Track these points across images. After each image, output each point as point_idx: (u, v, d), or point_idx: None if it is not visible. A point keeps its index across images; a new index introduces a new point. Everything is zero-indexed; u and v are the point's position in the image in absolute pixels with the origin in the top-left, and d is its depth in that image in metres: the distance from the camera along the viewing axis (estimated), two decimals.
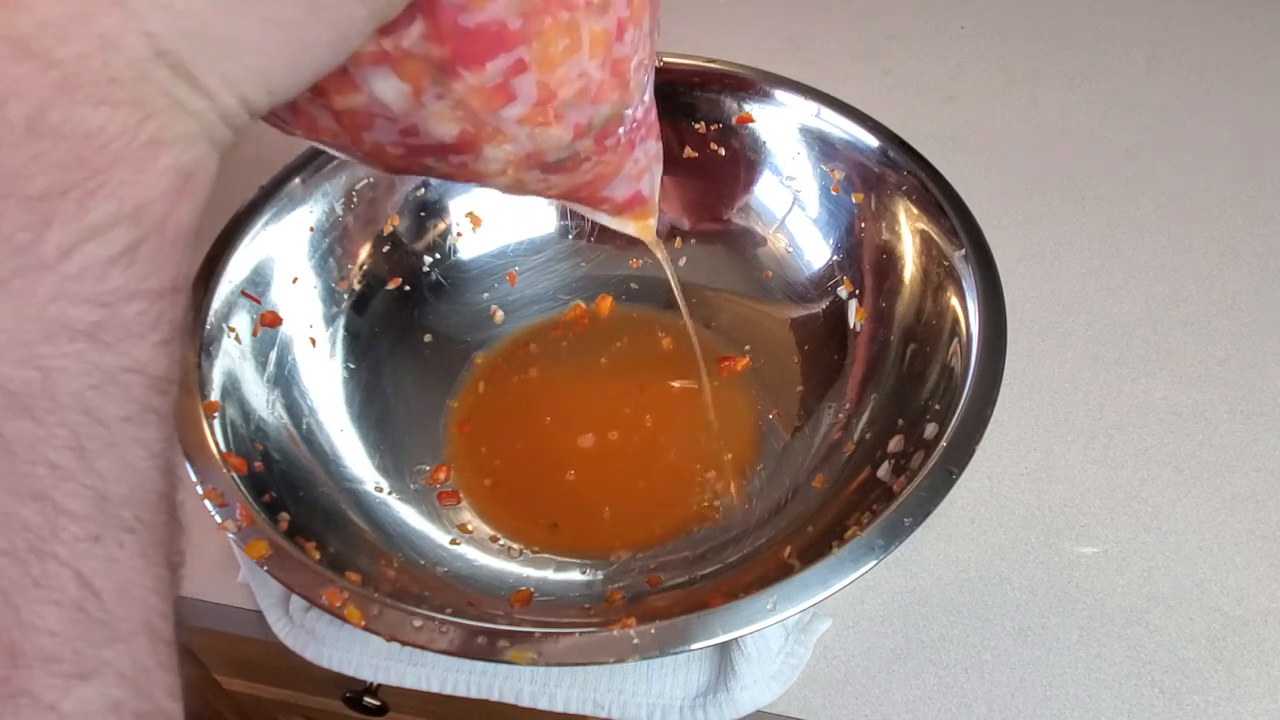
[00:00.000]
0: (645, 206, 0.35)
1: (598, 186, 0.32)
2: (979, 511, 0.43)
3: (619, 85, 0.28)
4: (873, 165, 0.46)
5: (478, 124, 0.26)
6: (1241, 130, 0.58)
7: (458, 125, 0.26)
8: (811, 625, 0.39)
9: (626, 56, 0.28)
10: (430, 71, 0.24)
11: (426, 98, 0.25)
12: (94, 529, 0.17)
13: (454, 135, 0.26)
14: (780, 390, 0.46)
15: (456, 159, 0.27)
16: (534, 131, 0.27)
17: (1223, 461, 0.44)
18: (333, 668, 0.39)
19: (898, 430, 0.39)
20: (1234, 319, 0.49)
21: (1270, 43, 0.64)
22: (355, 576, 0.33)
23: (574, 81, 0.26)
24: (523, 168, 0.28)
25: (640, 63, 0.29)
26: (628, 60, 0.28)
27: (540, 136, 0.27)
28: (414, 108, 0.25)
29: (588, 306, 0.50)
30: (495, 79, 0.25)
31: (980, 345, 0.38)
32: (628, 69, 0.28)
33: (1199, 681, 0.37)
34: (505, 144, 0.27)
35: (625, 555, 0.41)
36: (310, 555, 0.33)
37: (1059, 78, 0.62)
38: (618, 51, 0.27)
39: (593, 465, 0.44)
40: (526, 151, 0.28)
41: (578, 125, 0.28)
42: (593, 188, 0.32)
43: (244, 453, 0.37)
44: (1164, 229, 0.53)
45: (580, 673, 0.38)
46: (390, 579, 0.36)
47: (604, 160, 0.31)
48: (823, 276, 0.48)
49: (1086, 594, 0.40)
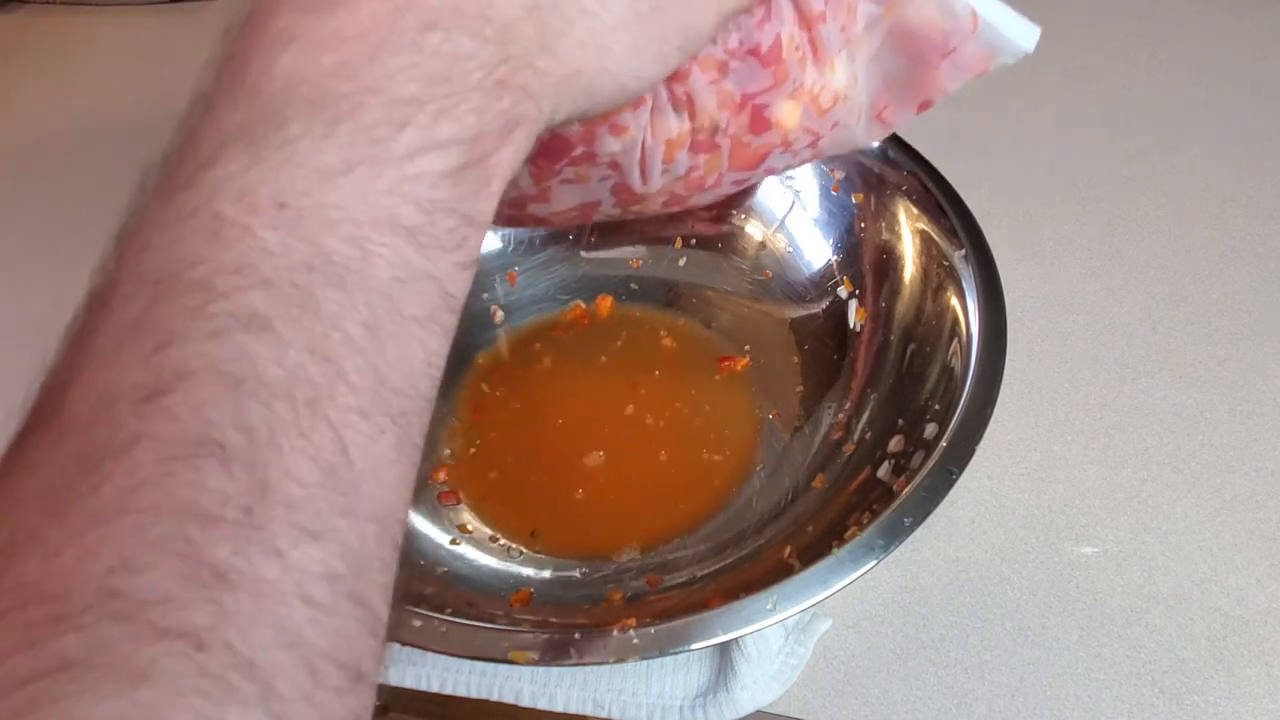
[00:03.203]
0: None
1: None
2: (979, 511, 0.43)
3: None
4: (873, 165, 0.46)
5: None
6: (1241, 130, 0.58)
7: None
8: (811, 625, 0.39)
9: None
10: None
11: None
12: (365, 404, 0.17)
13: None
14: (780, 390, 0.46)
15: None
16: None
17: (1223, 461, 0.44)
18: None
19: (898, 430, 0.39)
20: (1234, 319, 0.49)
21: (1270, 43, 0.64)
22: None
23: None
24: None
25: None
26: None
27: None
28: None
29: (588, 306, 0.50)
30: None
31: (980, 345, 0.38)
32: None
33: (1199, 681, 0.37)
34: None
35: (626, 555, 0.41)
36: None
37: (1059, 78, 0.62)
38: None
39: (593, 464, 0.44)
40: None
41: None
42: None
43: None
44: (1164, 229, 0.53)
45: (580, 673, 0.38)
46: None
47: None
48: (823, 276, 0.48)
49: (1086, 594, 0.40)
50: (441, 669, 0.38)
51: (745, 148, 0.28)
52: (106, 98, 0.64)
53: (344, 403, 0.17)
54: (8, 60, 0.67)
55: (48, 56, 0.68)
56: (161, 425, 0.16)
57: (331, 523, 0.16)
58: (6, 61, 0.67)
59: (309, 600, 0.16)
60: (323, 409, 0.17)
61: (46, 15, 0.71)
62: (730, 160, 0.28)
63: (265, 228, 0.17)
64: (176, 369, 0.16)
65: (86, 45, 0.68)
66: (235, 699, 0.15)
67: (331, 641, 0.16)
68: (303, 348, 0.17)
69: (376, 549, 0.17)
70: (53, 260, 0.54)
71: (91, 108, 0.64)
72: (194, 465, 0.16)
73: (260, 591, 0.15)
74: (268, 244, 0.17)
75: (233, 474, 0.16)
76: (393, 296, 0.18)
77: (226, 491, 0.16)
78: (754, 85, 0.26)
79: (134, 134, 0.62)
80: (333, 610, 0.16)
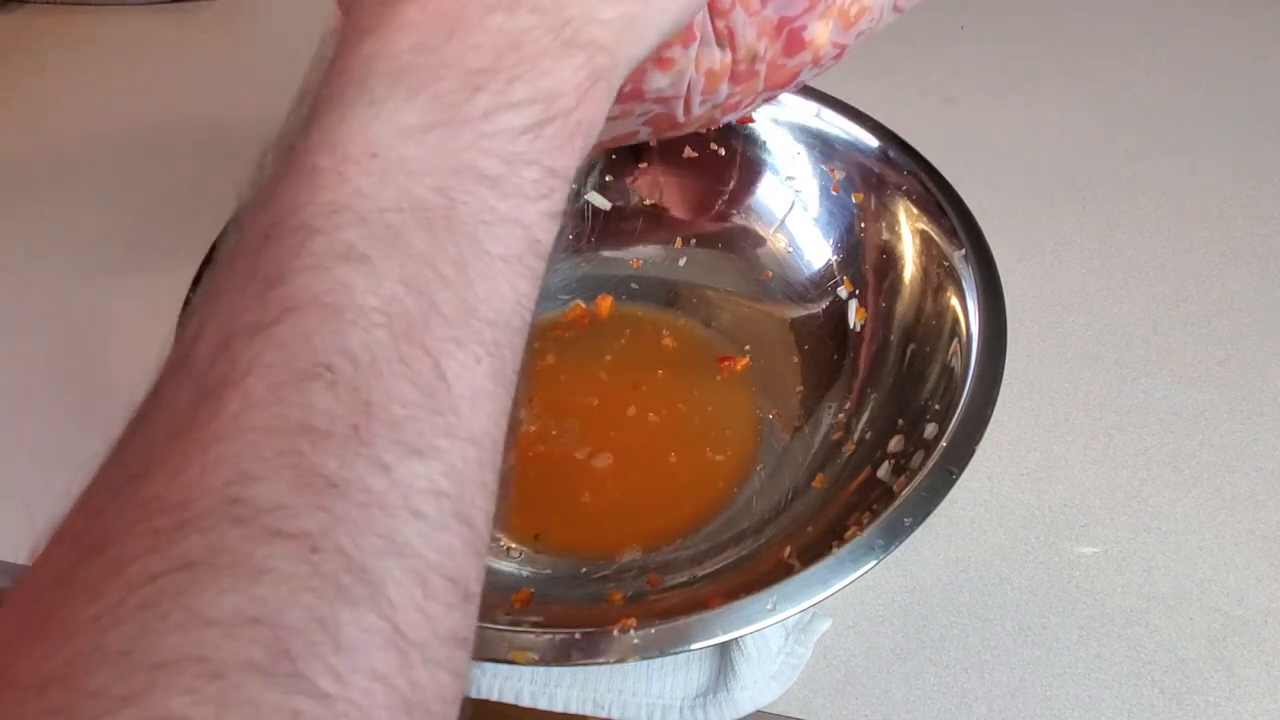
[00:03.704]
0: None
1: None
2: (979, 511, 0.43)
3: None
4: (873, 165, 0.46)
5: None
6: (1241, 130, 0.58)
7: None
8: (811, 625, 0.39)
9: None
10: None
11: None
12: (459, 334, 0.19)
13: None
14: (780, 390, 0.46)
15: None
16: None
17: (1223, 461, 0.44)
18: None
19: (898, 430, 0.39)
20: (1234, 319, 0.49)
21: (1270, 43, 0.64)
22: None
23: None
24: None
25: None
26: None
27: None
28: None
29: (588, 306, 0.50)
30: None
31: (980, 345, 0.38)
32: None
33: (1199, 681, 0.37)
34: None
35: (627, 555, 0.41)
36: None
37: (1059, 78, 0.62)
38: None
39: (594, 464, 0.44)
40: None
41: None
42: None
43: None
44: (1164, 229, 0.53)
45: (580, 673, 0.38)
46: None
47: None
48: (823, 276, 0.48)
49: (1086, 594, 0.40)
50: None
51: (780, 69, 0.29)
52: (106, 98, 0.64)
53: (439, 332, 0.18)
54: (8, 60, 0.67)
55: (48, 56, 0.68)
56: (272, 354, 0.17)
57: (434, 442, 0.17)
58: (6, 61, 0.67)
59: (417, 513, 0.17)
60: (418, 336, 0.18)
61: (46, 15, 0.71)
62: (765, 82, 0.29)
63: (358, 174, 0.19)
64: (284, 303, 0.18)
65: (87, 45, 0.68)
66: (346, 599, 0.15)
67: (440, 556, 0.17)
68: (397, 279, 0.18)
69: (478, 472, 0.18)
70: (52, 260, 0.54)
71: (91, 108, 0.64)
72: (303, 388, 0.17)
73: (369, 501, 0.16)
74: (361, 187, 0.19)
75: (338, 395, 0.17)
76: (478, 238, 0.19)
77: (333, 411, 0.17)
78: (791, 10, 0.27)
79: (134, 134, 0.62)
80: (440, 526, 0.17)
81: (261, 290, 0.18)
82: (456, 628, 0.17)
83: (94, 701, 0.14)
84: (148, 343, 0.43)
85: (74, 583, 0.15)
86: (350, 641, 0.15)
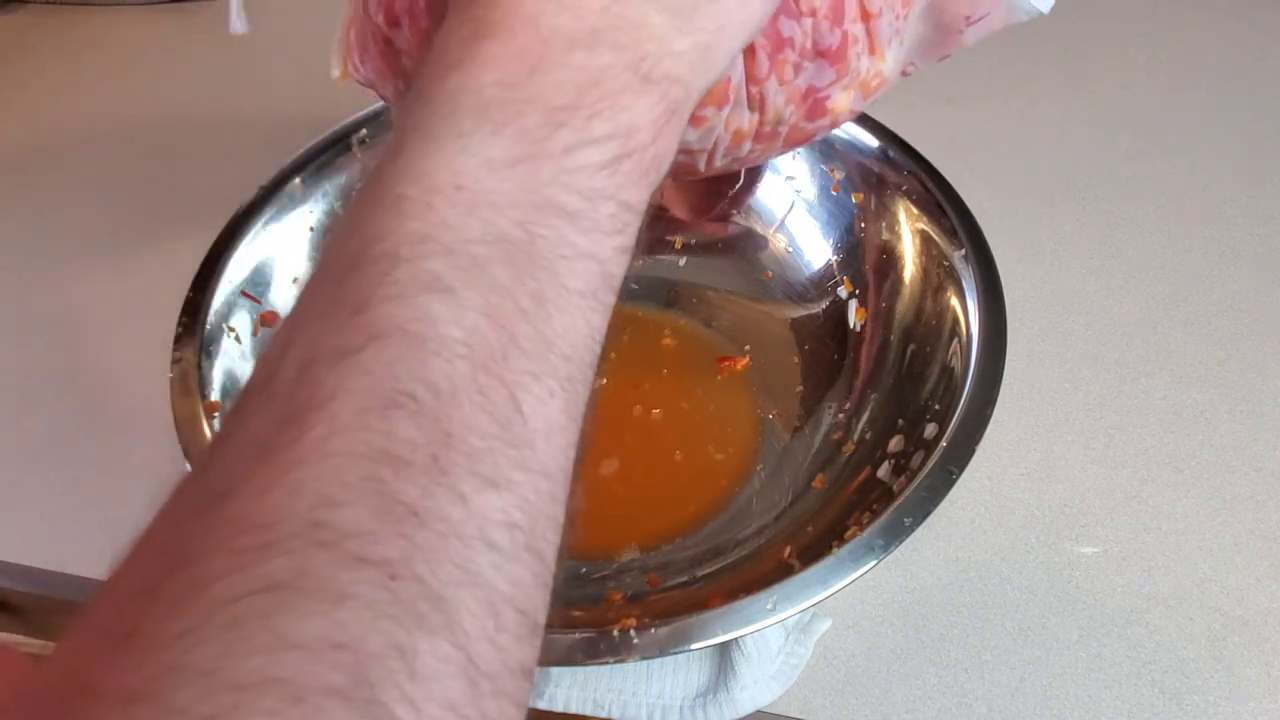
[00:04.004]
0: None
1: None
2: (979, 511, 0.43)
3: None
4: (873, 165, 0.46)
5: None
6: (1241, 130, 0.58)
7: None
8: (811, 625, 0.39)
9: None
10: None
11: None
12: (535, 368, 0.19)
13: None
14: (780, 390, 0.46)
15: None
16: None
17: (1223, 461, 0.44)
18: None
19: (898, 430, 0.39)
20: (1234, 319, 0.49)
21: (1270, 43, 0.64)
22: None
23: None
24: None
25: None
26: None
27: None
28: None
29: None
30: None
31: (980, 345, 0.38)
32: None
33: (1199, 681, 0.37)
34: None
35: (627, 554, 0.41)
36: None
37: (1059, 78, 0.62)
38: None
39: (594, 464, 0.44)
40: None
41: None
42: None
43: None
44: (1164, 229, 0.53)
45: (580, 673, 0.38)
46: None
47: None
48: (823, 276, 0.48)
49: (1086, 594, 0.40)
50: None
51: (799, 130, 0.30)
52: (106, 98, 0.64)
53: (517, 365, 0.18)
54: (8, 60, 0.67)
55: (48, 56, 0.68)
56: (356, 380, 0.17)
57: (509, 474, 0.18)
58: (6, 61, 0.67)
59: (491, 545, 0.17)
60: (497, 370, 0.18)
61: (47, 15, 0.71)
62: (784, 142, 0.30)
63: (444, 205, 0.19)
64: (368, 330, 0.18)
65: (87, 45, 0.69)
66: (424, 627, 0.16)
67: (511, 588, 0.17)
68: (479, 312, 0.18)
69: (549, 505, 0.19)
70: (52, 260, 0.54)
71: (91, 108, 0.64)
72: (386, 415, 0.17)
73: (447, 531, 0.16)
74: (446, 219, 0.19)
75: (420, 424, 0.17)
76: (557, 273, 0.20)
77: (415, 440, 0.17)
78: (820, 81, 0.28)
79: (134, 134, 0.62)
80: (512, 558, 0.17)
81: (346, 317, 0.18)
82: (524, 659, 0.17)
83: (178, 719, 0.14)
84: (148, 343, 0.43)
85: (159, 597, 0.16)
86: (426, 670, 0.15)
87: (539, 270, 0.19)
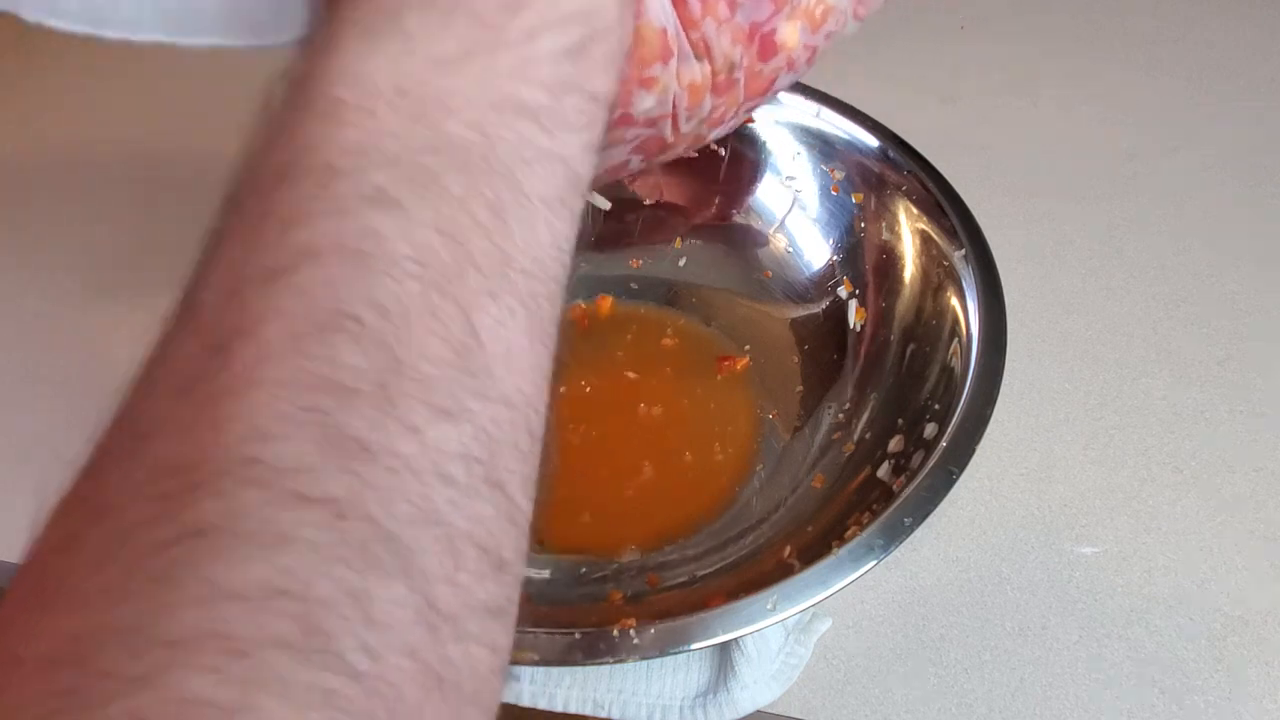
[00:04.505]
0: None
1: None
2: (979, 511, 0.43)
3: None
4: (873, 165, 0.46)
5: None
6: (1241, 130, 0.58)
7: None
8: (811, 625, 0.39)
9: None
10: None
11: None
12: (493, 286, 0.17)
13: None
14: (780, 390, 0.46)
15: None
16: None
17: (1223, 461, 0.44)
18: None
19: (898, 430, 0.39)
20: (1234, 319, 0.49)
21: (1270, 43, 0.64)
22: None
23: None
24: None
25: None
26: None
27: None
28: None
29: (587, 306, 0.50)
30: None
31: (980, 345, 0.38)
32: None
33: (1199, 681, 0.37)
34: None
35: (627, 554, 0.41)
36: None
37: (1059, 78, 0.62)
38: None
39: (594, 464, 0.44)
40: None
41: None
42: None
43: None
44: (1164, 229, 0.53)
45: (580, 673, 0.38)
46: None
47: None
48: (823, 276, 0.48)
49: (1086, 594, 0.40)
50: None
51: (757, 76, 0.30)
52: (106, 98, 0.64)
53: (473, 284, 0.17)
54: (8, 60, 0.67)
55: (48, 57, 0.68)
56: (290, 302, 0.16)
57: (465, 403, 0.16)
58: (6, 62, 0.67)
59: (447, 480, 0.16)
60: (452, 290, 0.17)
61: None
62: (745, 91, 0.30)
63: (388, 112, 0.17)
64: (303, 248, 0.16)
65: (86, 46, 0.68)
66: (378, 570, 0.14)
67: (471, 524, 0.16)
68: (430, 227, 0.17)
69: (511, 434, 0.17)
70: (53, 260, 0.54)
71: (91, 109, 0.64)
72: (326, 340, 0.15)
73: (398, 466, 0.15)
74: (390, 126, 0.17)
75: (365, 349, 0.16)
76: (518, 180, 0.18)
77: (360, 367, 0.15)
78: (759, 14, 0.28)
79: (134, 134, 0.62)
80: (471, 492, 0.16)
81: (277, 234, 0.16)
82: (490, 599, 0.16)
83: (106, 682, 0.13)
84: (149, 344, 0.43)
85: (79, 552, 0.14)
86: (383, 616, 0.14)
87: (496, 178, 0.18)
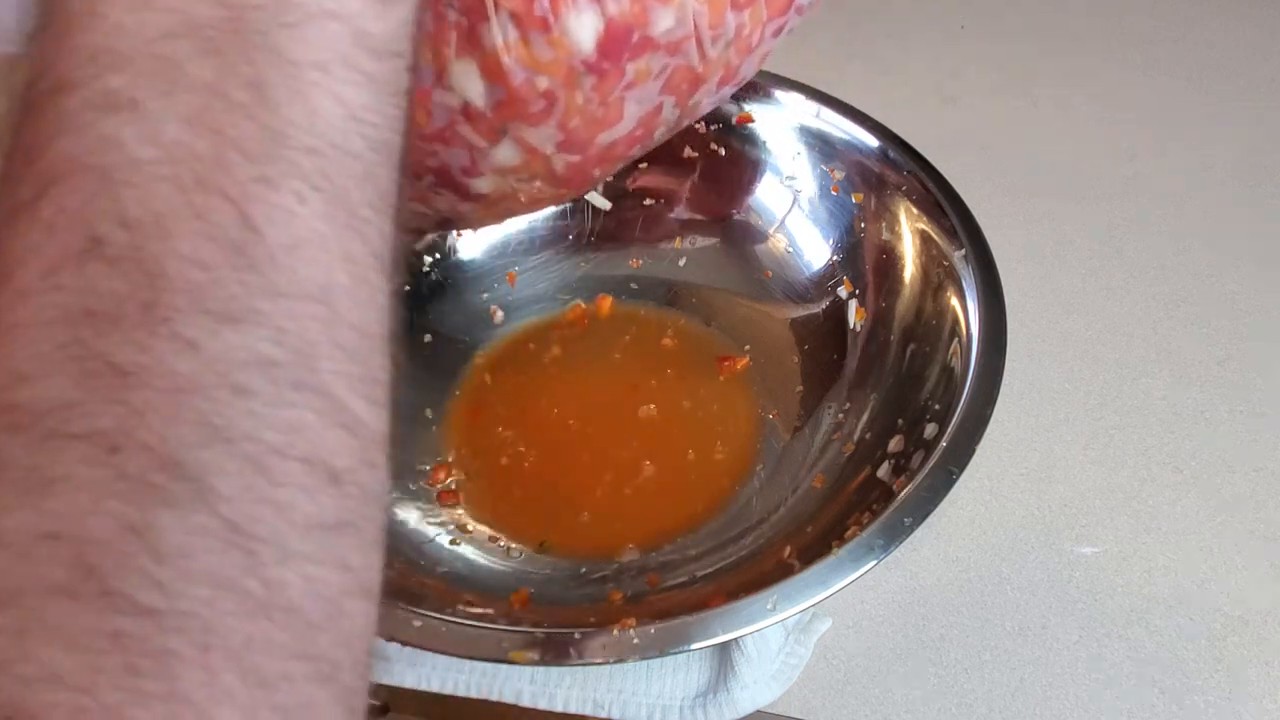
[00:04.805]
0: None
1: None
2: (979, 511, 0.43)
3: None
4: (873, 165, 0.46)
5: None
6: (1241, 130, 0.58)
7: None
8: (811, 625, 0.39)
9: None
10: None
11: None
12: (268, 172, 0.16)
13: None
14: (780, 390, 0.46)
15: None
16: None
17: (1223, 461, 0.44)
18: None
19: (898, 430, 0.39)
20: (1234, 319, 0.49)
21: (1270, 43, 0.64)
22: None
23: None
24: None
25: None
26: None
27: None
28: None
29: (588, 306, 0.50)
30: None
31: (980, 345, 0.38)
32: None
33: (1199, 681, 0.37)
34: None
35: (627, 555, 0.41)
36: None
37: (1059, 78, 0.62)
38: None
39: (594, 464, 0.44)
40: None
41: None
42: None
43: None
44: (1164, 229, 0.53)
45: (580, 673, 0.38)
46: (390, 579, 0.36)
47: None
48: (823, 276, 0.48)
49: (1086, 594, 0.40)
50: (441, 669, 0.38)
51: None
52: None
53: (241, 174, 0.15)
54: None
55: None
56: (35, 236, 0.15)
57: (251, 305, 0.15)
58: None
59: (242, 391, 0.15)
60: (217, 184, 0.15)
61: None
62: (768, 9, 0.29)
63: (113, 7, 0.16)
64: (46, 176, 0.15)
65: None
66: (163, 501, 0.14)
67: (285, 435, 0.15)
68: (179, 121, 0.15)
69: (326, 332, 0.16)
70: None
71: None
72: (78, 271, 0.14)
73: (174, 386, 0.14)
74: (120, 22, 0.16)
75: (123, 270, 0.14)
76: (280, 48, 0.16)
77: (118, 290, 0.14)
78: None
79: None
80: (275, 401, 0.15)
81: (23, 167, 0.15)
82: (323, 514, 0.15)
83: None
84: None
85: None
86: (173, 547, 0.13)
87: (254, 51, 0.16)
